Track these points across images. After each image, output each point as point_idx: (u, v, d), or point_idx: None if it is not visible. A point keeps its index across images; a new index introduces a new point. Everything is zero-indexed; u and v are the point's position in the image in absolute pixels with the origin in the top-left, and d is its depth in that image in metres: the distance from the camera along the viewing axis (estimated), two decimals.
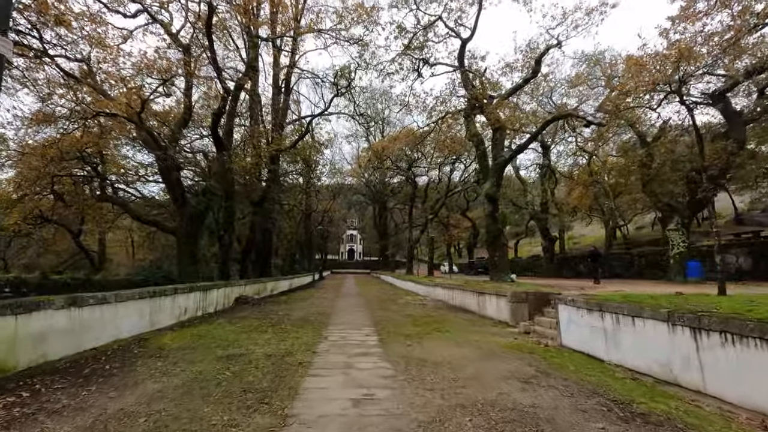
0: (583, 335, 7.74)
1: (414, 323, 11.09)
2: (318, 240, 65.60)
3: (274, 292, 22.25)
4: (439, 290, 19.66)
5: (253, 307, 14.53)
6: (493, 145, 18.06)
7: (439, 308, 15.52)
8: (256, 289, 18.41)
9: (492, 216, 17.25)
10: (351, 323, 10.98)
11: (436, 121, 22.86)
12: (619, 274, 24.94)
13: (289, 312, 13.31)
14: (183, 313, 10.34)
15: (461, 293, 15.99)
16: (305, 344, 7.72)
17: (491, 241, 17.22)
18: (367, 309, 14.89)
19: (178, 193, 13.77)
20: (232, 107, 15.72)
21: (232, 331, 9.14)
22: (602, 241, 48.84)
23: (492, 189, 17.19)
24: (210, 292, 12.39)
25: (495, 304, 12.47)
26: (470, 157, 36.00)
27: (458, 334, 9.41)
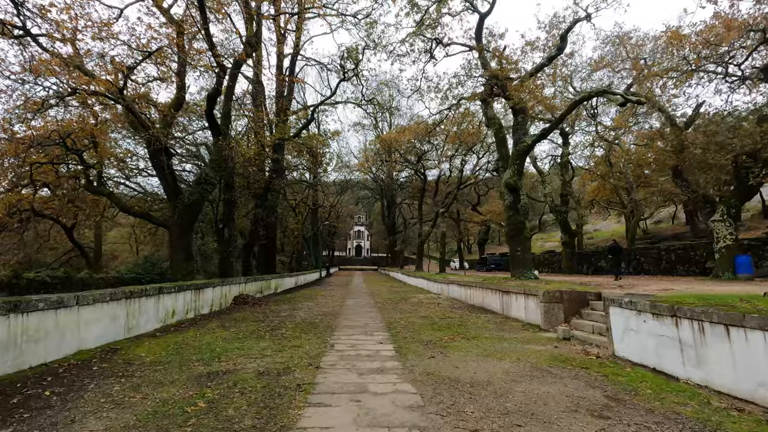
0: (647, 346, 6.30)
1: (433, 326, 9.73)
2: (325, 236, 64.53)
3: (279, 290, 21.02)
4: (455, 288, 18.27)
5: (254, 307, 13.26)
6: (514, 130, 16.54)
7: (456, 308, 14.14)
8: (258, 287, 17.16)
9: (513, 207, 15.77)
10: (361, 327, 9.64)
11: (450, 107, 21.38)
12: (647, 270, 23.32)
13: (293, 313, 12.02)
14: (170, 316, 9.08)
15: (481, 291, 14.59)
16: (307, 356, 6.39)
17: (513, 234, 15.75)
18: (377, 309, 13.56)
19: (170, 181, 12.51)
20: (230, 89, 14.43)
21: (223, 337, 7.83)
22: (618, 235, 47.00)
23: (513, 178, 15.70)
24: (204, 291, 11.13)
25: (523, 304, 11.06)
26: (483, 148, 34.41)
27: (487, 341, 8.02)
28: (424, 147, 37.90)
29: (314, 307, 14.03)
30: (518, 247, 15.63)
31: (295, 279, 27.26)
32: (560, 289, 10.07)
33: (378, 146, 43.00)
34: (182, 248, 12.38)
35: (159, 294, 8.48)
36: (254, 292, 16.44)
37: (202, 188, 12.82)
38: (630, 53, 23.13)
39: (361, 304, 15.45)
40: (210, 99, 12.59)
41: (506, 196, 16.04)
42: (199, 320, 10.00)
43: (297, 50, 27.29)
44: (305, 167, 38.36)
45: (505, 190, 16.08)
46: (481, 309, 13.70)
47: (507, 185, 15.83)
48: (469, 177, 33.81)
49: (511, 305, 11.90)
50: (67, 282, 13.50)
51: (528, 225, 33.86)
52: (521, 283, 12.94)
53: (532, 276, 15.27)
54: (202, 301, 10.94)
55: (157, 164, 12.35)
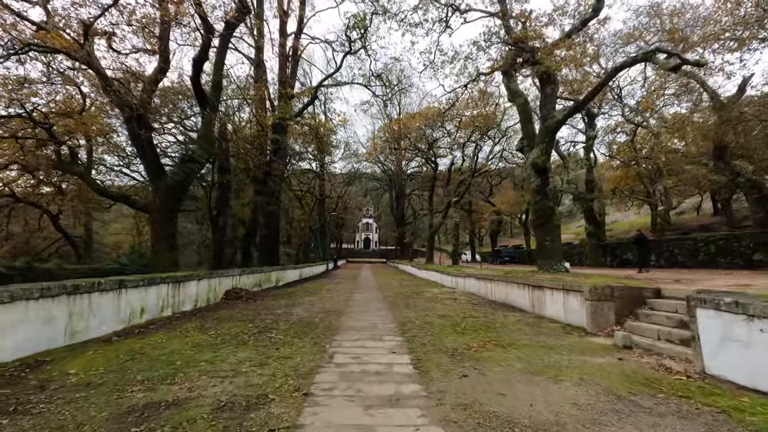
0: (762, 364, 4.55)
1: (455, 328, 8.03)
2: (332, 228, 63.09)
3: (280, 283, 19.48)
4: (472, 281, 16.54)
5: (247, 302, 11.69)
6: (542, 105, 14.64)
7: (477, 304, 12.44)
8: (256, 280, 15.61)
9: (541, 191, 13.94)
10: (369, 328, 7.98)
11: (467, 83, 19.47)
12: (681, 263, 21.30)
13: (290, 310, 10.40)
14: (137, 315, 7.51)
15: (504, 286, 12.85)
16: (296, 373, 4.73)
17: (540, 222, 13.93)
18: (387, 305, 11.90)
19: (150, 159, 10.93)
20: (220, 56, 12.74)
21: (195, 343, 6.23)
22: (640, 227, 44.72)
23: (541, 158, 13.85)
24: (186, 285, 9.55)
25: (561, 302, 9.30)
26: (498, 133, 32.35)
27: (528, 349, 6.31)
28: (436, 134, 35.99)
29: (316, 302, 12.41)
30: (546, 236, 13.82)
31: (300, 271, 25.72)
32: (610, 285, 8.30)
33: (386, 134, 41.13)
34: (165, 236, 10.83)
35: (119, 289, 6.89)
36: (251, 285, 14.89)
37: (187, 167, 11.21)
38: (666, 24, 20.96)
39: (369, 299, 13.81)
40: (196, 64, 10.94)
41: (533, 178, 14.19)
42: (176, 319, 8.42)
43: (301, 27, 25.48)
44: (311, 155, 36.79)
45: (531, 172, 14.23)
46: (506, 306, 11.98)
47: (534, 166, 13.98)
48: (484, 164, 31.77)
49: (544, 302, 10.15)
50: (28, 273, 12.03)
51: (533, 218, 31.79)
52: (555, 277, 11.17)
53: (562, 269, 13.47)
54: (183, 296, 9.37)
55: (134, 137, 10.78)
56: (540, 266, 14.00)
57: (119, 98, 9.79)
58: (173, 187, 10.97)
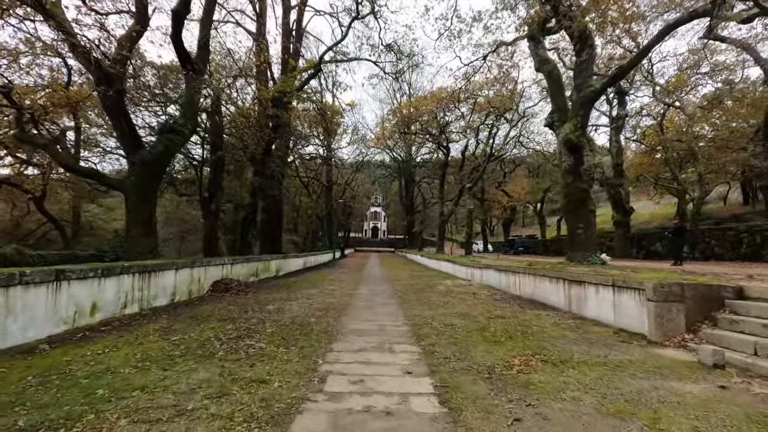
0: None
1: (483, 334, 6.44)
2: (340, 216, 61.71)
3: (280, 273, 18.04)
4: (491, 273, 14.91)
5: (237, 296, 10.21)
6: (576, 73, 12.77)
7: (499, 300, 10.84)
8: (252, 270, 14.15)
9: (574, 171, 12.17)
10: (375, 333, 6.42)
11: (486, 55, 17.58)
12: (719, 255, 19.40)
13: (284, 306, 8.89)
14: (86, 314, 6.04)
15: (531, 279, 11.19)
16: (264, 414, 3.18)
17: (573, 207, 12.18)
18: (397, 301, 10.34)
19: (125, 128, 9.40)
20: (209, 11, 11.05)
21: (142, 357, 4.71)
22: (661, 217, 42.47)
23: (575, 133, 12.06)
24: (160, 276, 8.06)
25: (610, 301, 7.63)
26: (516, 116, 30.26)
27: (587, 368, 4.69)
28: (448, 117, 34.05)
29: (316, 296, 10.90)
30: (580, 223, 12.09)
31: (303, 260, 24.28)
32: (679, 282, 6.61)
33: (396, 118, 39.21)
34: (141, 219, 9.35)
35: (57, 281, 5.40)
36: (246, 275, 13.44)
37: (167, 139, 9.65)
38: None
39: (376, 292, 12.27)
40: (175, 18, 9.30)
41: (564, 156, 12.41)
42: (141, 318, 6.93)
43: None
44: (318, 138, 35.17)
45: (563, 150, 12.44)
46: (534, 303, 10.36)
47: (566, 143, 12.18)
48: (500, 148, 29.81)
49: (584, 300, 8.49)
50: None
51: (549, 208, 29.48)
52: (596, 271, 9.48)
53: (598, 260, 11.75)
54: (155, 289, 7.88)
55: (105, 103, 9.27)
56: (571, 257, 12.30)
57: (85, 54, 8.25)
58: (151, 163, 9.44)
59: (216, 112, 13.47)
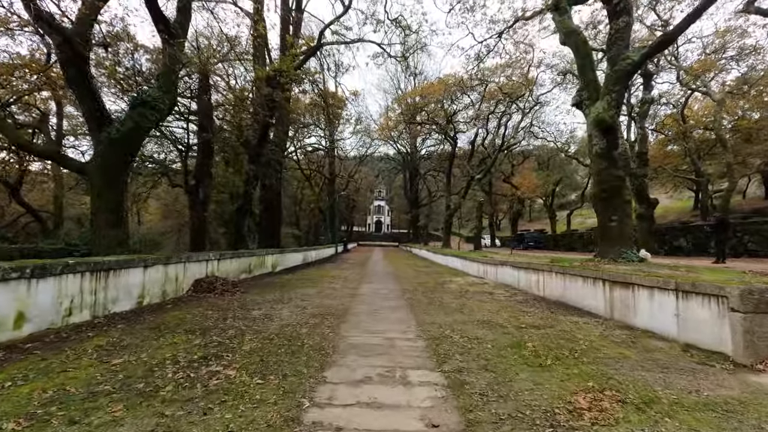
0: None
1: (522, 353, 5.03)
2: (343, 209, 60.41)
3: (277, 269, 16.69)
4: (507, 271, 13.50)
5: (221, 296, 8.85)
6: (610, 44, 11.22)
7: (522, 302, 9.44)
8: (243, 266, 12.79)
9: (607, 155, 10.67)
10: (382, 349, 5.03)
11: (503, 31, 16.02)
12: (753, 252, 17.87)
13: (273, 311, 7.52)
14: (9, 326, 4.67)
15: (559, 279, 9.76)
16: None
17: (605, 196, 10.69)
18: (407, 304, 8.94)
19: (89, 102, 8.03)
20: None
21: (40, 399, 3.32)
22: (676, 211, 40.79)
23: (608, 112, 10.55)
24: (122, 275, 6.69)
25: (671, 308, 6.18)
26: (528, 104, 28.57)
27: (687, 416, 3.27)
28: (456, 106, 32.48)
29: (313, 297, 9.53)
30: (612, 214, 10.60)
31: (303, 255, 22.94)
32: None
33: (402, 107, 37.64)
34: (107, 206, 7.98)
35: None
36: (236, 272, 12.08)
37: (138, 114, 8.23)
38: None
39: (381, 292, 10.87)
40: None
41: (596, 139, 10.89)
42: (88, 329, 5.55)
43: None
44: (320, 128, 33.76)
45: (594, 131, 10.92)
46: (563, 306, 8.94)
47: (598, 123, 10.66)
48: (511, 137, 28.21)
49: (632, 307, 7.05)
50: None
51: (557, 202, 27.75)
52: (650, 271, 8.02)
53: (635, 257, 10.29)
54: (115, 291, 6.51)
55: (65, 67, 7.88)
56: (602, 253, 10.83)
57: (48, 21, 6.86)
58: (118, 142, 8.06)
59: (204, 90, 12.10)
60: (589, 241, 32.29)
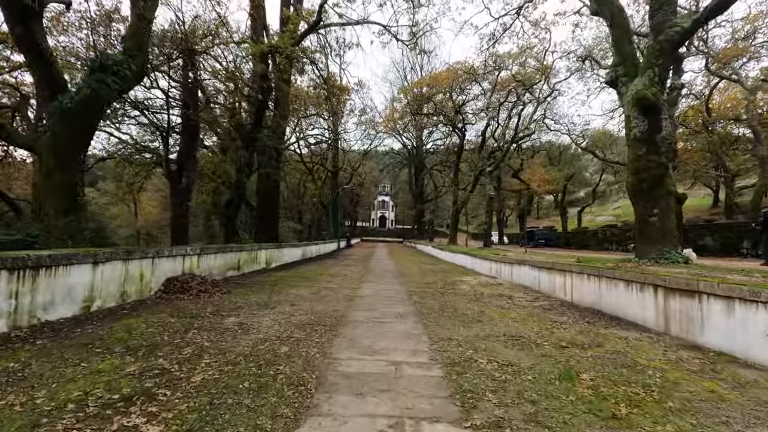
0: None
1: (577, 390, 3.62)
2: (347, 204, 59.07)
3: (272, 265, 15.36)
4: (525, 271, 12.10)
5: (196, 298, 7.52)
6: (654, 8, 9.67)
7: (549, 309, 8.06)
8: (229, 262, 11.45)
9: (647, 139, 9.20)
10: (386, 384, 3.66)
11: (521, 7, 14.53)
12: None
13: (252, 318, 6.19)
14: None
15: (593, 282, 8.33)
16: None
17: (645, 187, 9.22)
18: (414, 310, 7.55)
19: (41, 68, 6.70)
20: None
21: None
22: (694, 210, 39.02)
23: (651, 89, 9.07)
24: (59, 273, 5.35)
25: (763, 327, 4.76)
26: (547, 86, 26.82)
27: None
28: (465, 96, 30.93)
29: (306, 300, 8.18)
30: (654, 208, 9.13)
31: (303, 250, 21.62)
32: None
33: (408, 97, 36.09)
34: (59, 189, 6.68)
35: None
36: (221, 269, 10.75)
37: (97, 81, 6.85)
38: None
39: (385, 294, 9.50)
40: None
41: (635, 121, 9.39)
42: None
43: None
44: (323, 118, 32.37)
45: (632, 111, 9.42)
46: (599, 314, 7.54)
47: (639, 101, 9.17)
48: (525, 128, 26.63)
49: (699, 321, 5.61)
50: None
51: (567, 199, 25.95)
52: (698, 273, 6.60)
53: (680, 258, 8.83)
54: (49, 294, 5.17)
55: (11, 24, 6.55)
56: (640, 253, 9.38)
57: None
58: (72, 113, 6.71)
59: (189, 66, 10.78)
60: (604, 239, 30.76)
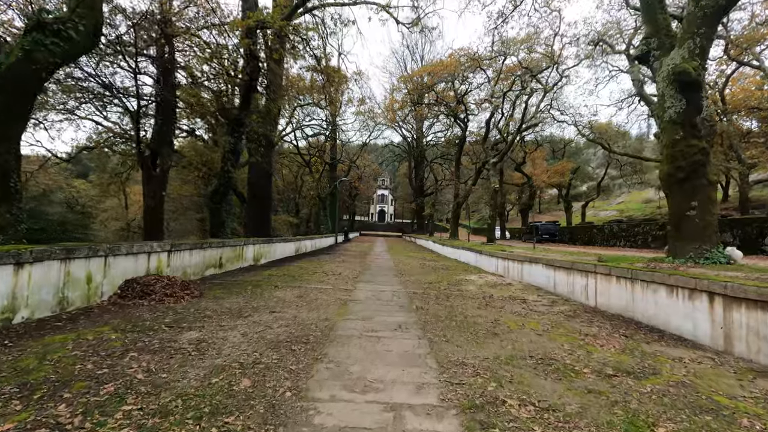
0: None
1: None
2: (345, 197, 57.85)
3: (260, 261, 14.18)
4: (538, 270, 10.92)
5: (159, 304, 6.32)
6: None
7: (572, 317, 6.92)
8: (209, 260, 10.24)
9: (686, 121, 7.99)
10: None
11: None
12: None
13: (217, 334, 5.00)
14: None
15: (624, 286, 7.16)
16: None
17: (681, 176, 8.00)
18: (416, 318, 6.36)
19: None
20: None
21: None
22: None
23: (691, 62, 7.85)
24: None
25: None
26: (557, 73, 25.46)
27: None
28: (466, 86, 29.61)
29: (289, 305, 7.00)
30: (692, 200, 7.93)
31: (297, 245, 20.41)
32: None
33: (408, 85, 34.70)
34: None
35: None
36: (198, 267, 9.56)
37: (32, 43, 5.60)
38: None
39: (383, 297, 8.30)
40: None
41: (670, 99, 8.15)
42: None
43: None
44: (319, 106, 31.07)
45: (667, 89, 8.18)
46: (632, 324, 6.39)
47: (677, 76, 7.93)
48: (534, 116, 25.33)
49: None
50: None
51: (573, 192, 24.83)
52: (760, 278, 5.43)
53: (721, 258, 7.64)
54: None
55: None
56: (675, 251, 8.18)
57: None
58: (2, 81, 5.51)
59: (164, 41, 9.54)
60: (611, 234, 29.60)
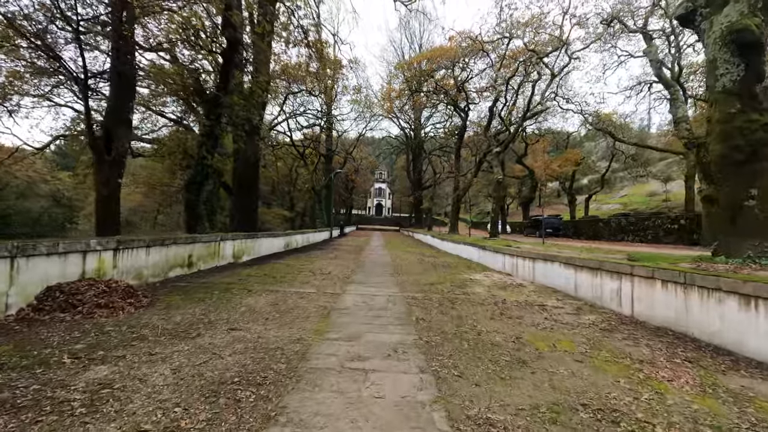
0: None
1: None
2: (341, 190, 56.38)
3: (242, 258, 12.76)
4: (556, 270, 9.54)
5: (86, 318, 4.90)
6: None
7: (608, 330, 5.57)
8: (174, 259, 8.81)
9: (745, 92, 6.61)
10: None
11: None
12: None
13: (139, 371, 3.59)
14: None
15: (671, 292, 5.78)
16: None
17: (741, 158, 6.61)
18: (416, 337, 4.95)
19: None
20: None
21: None
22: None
23: (755, 19, 6.45)
24: None
25: None
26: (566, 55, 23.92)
27: None
28: (466, 73, 28.14)
29: (257, 318, 5.61)
30: (750, 187, 6.54)
31: (286, 240, 18.98)
32: None
33: (405, 74, 33.14)
34: None
35: None
36: (160, 268, 8.14)
37: None
38: None
39: (376, 304, 6.88)
40: None
41: (724, 65, 6.73)
42: None
43: None
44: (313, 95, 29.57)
45: (720, 53, 6.76)
46: (682, 338, 5.03)
47: (734, 33, 6.52)
48: (540, 102, 23.86)
49: None
50: None
51: (584, 181, 24.03)
52: None
53: None
54: None
55: None
56: (726, 249, 6.80)
57: None
58: None
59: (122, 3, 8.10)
60: (618, 228, 28.30)
